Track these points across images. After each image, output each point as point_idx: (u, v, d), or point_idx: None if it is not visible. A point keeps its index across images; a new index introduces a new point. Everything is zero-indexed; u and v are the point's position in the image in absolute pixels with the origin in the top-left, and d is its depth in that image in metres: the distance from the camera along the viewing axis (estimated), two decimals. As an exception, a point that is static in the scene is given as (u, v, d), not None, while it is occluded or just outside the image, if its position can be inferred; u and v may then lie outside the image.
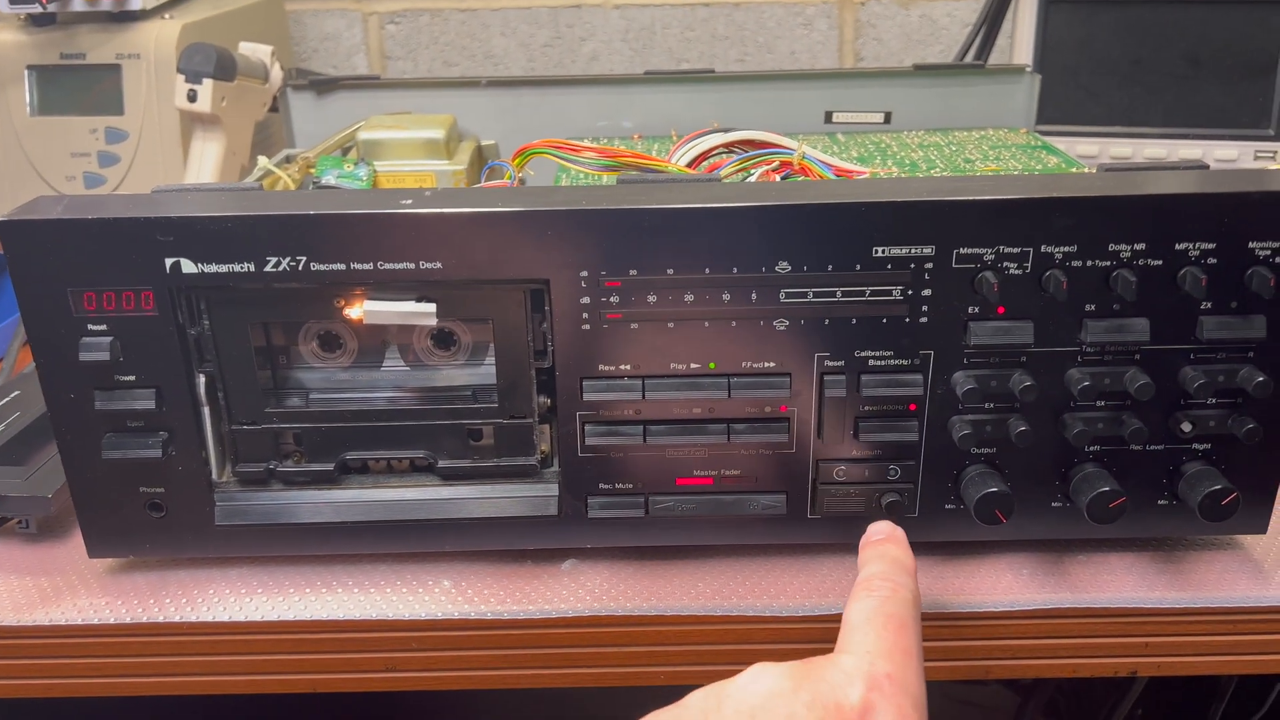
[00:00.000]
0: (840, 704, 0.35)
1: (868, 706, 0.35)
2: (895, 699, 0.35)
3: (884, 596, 0.40)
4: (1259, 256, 0.46)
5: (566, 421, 0.50)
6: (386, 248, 0.46)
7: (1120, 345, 0.47)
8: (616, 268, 0.46)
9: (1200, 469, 0.49)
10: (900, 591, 0.41)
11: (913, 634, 0.39)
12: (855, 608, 0.40)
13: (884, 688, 0.36)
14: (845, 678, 0.36)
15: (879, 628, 0.38)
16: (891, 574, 0.42)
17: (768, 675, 0.36)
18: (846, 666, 0.36)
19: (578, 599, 0.50)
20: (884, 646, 0.37)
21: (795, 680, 0.36)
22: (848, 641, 0.38)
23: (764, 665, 0.37)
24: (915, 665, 0.38)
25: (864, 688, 0.35)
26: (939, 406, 0.49)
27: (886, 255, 0.46)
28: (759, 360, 0.48)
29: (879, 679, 0.36)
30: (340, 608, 0.50)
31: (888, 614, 0.39)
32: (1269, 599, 0.50)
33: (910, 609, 0.40)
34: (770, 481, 0.50)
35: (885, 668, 0.36)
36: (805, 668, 0.37)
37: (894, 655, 0.37)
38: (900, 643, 0.38)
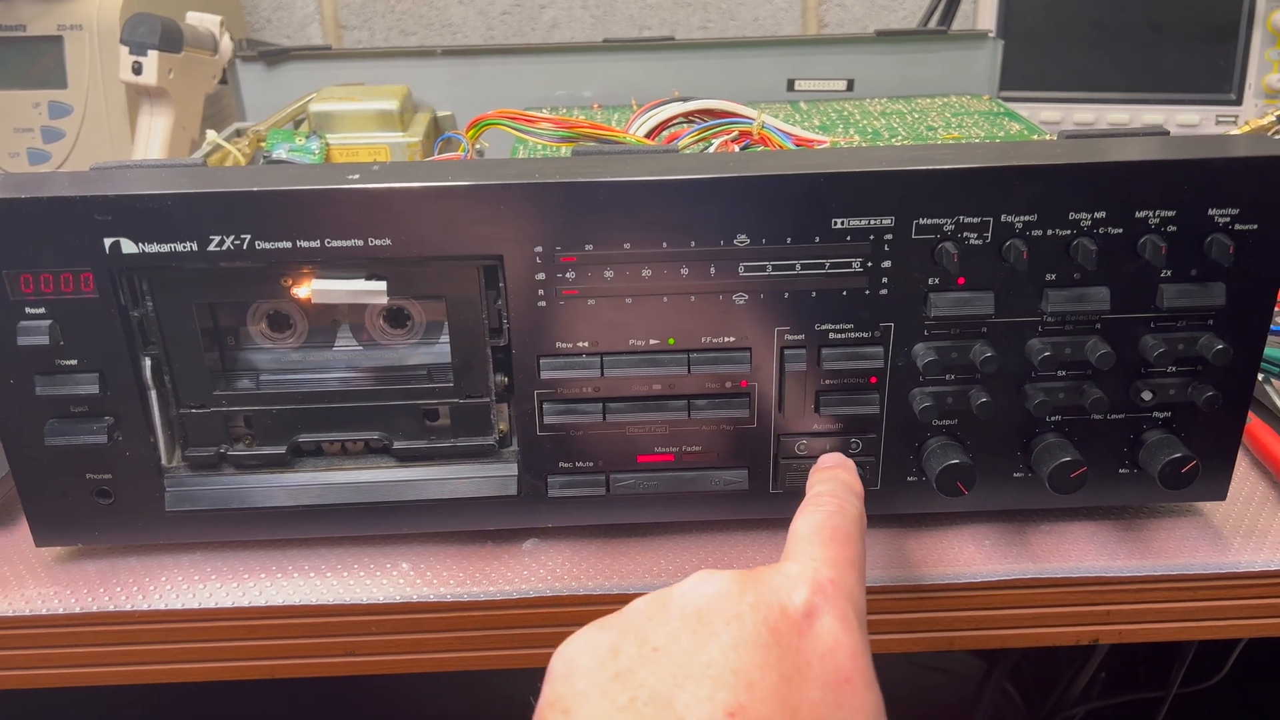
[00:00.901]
0: (784, 605, 0.34)
1: (811, 609, 0.35)
2: (838, 603, 0.35)
3: (830, 511, 0.40)
4: (1219, 223, 0.46)
5: (524, 400, 0.49)
6: (334, 224, 0.45)
7: (1081, 314, 0.47)
8: (572, 243, 0.45)
9: (1161, 437, 0.49)
10: (847, 508, 0.41)
11: (856, 547, 0.39)
12: (801, 520, 0.40)
13: (827, 592, 0.35)
14: (789, 582, 0.36)
15: (824, 539, 0.38)
16: (839, 493, 0.42)
17: (713, 579, 0.36)
18: (791, 572, 0.36)
19: (538, 579, 0.49)
20: (828, 555, 0.37)
21: (740, 584, 0.35)
22: (793, 550, 0.39)
23: (708, 571, 0.37)
24: (857, 575, 0.38)
25: (808, 591, 0.35)
26: (900, 379, 0.48)
27: (845, 227, 0.45)
28: (718, 335, 0.47)
29: (823, 584, 0.36)
30: (296, 593, 0.49)
31: (834, 527, 0.39)
32: (1228, 565, 0.50)
33: (855, 525, 0.40)
34: (732, 457, 0.49)
35: (829, 574, 0.36)
36: (750, 573, 0.37)
37: (838, 564, 0.37)
38: (844, 554, 0.38)
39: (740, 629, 0.34)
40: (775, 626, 0.34)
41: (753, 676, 0.33)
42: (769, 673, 0.33)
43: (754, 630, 0.34)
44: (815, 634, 0.35)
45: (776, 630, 0.34)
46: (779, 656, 0.33)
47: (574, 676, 0.34)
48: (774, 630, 0.34)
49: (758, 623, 0.34)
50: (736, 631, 0.34)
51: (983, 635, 0.51)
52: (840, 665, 0.34)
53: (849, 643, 0.35)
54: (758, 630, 0.34)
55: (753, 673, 0.33)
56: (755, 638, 0.34)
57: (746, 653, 0.33)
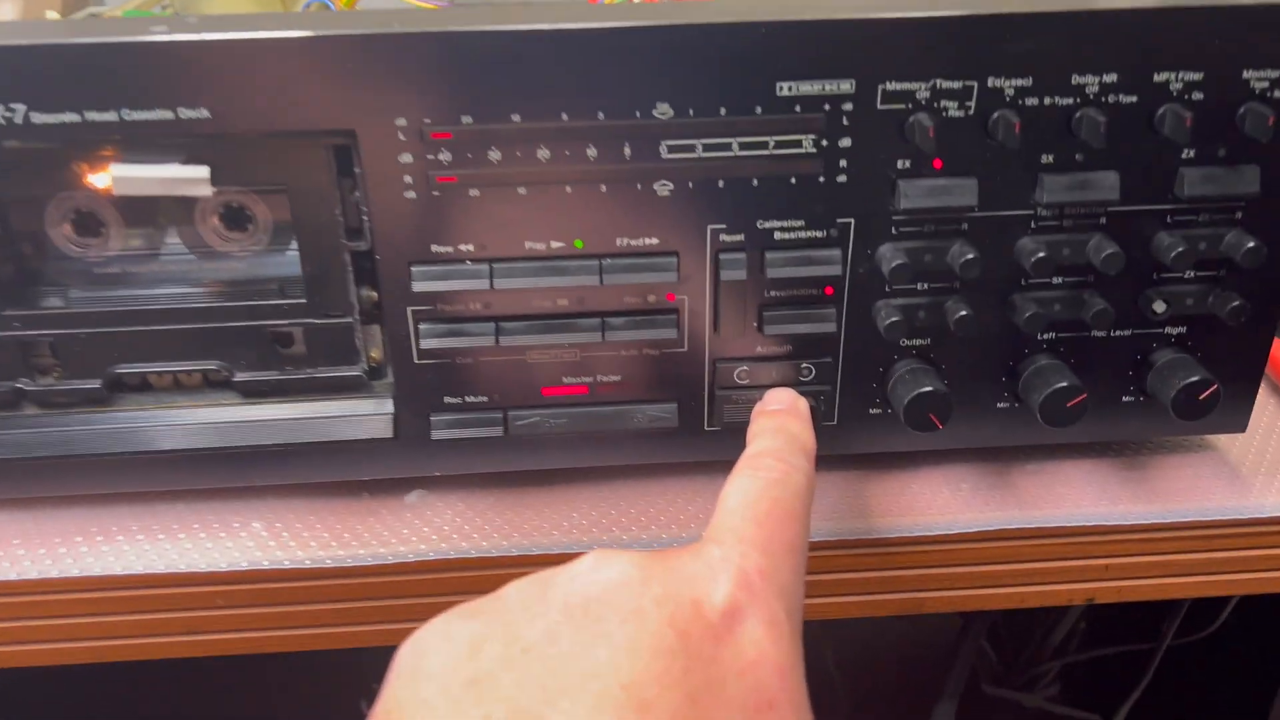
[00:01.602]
0: (698, 602, 0.28)
1: (732, 609, 0.28)
2: (767, 603, 0.29)
3: (771, 479, 0.33)
4: (1255, 90, 0.38)
5: (396, 320, 0.40)
6: (134, 91, 0.36)
7: (1083, 206, 0.40)
8: (445, 114, 0.37)
9: (1174, 357, 0.42)
10: (792, 475, 0.34)
11: (799, 528, 0.32)
12: (733, 488, 0.33)
13: (754, 587, 0.29)
14: (709, 571, 0.29)
15: (759, 515, 0.32)
16: (785, 452, 0.35)
17: (611, 562, 0.29)
18: (712, 558, 0.30)
19: (424, 539, 0.43)
20: (761, 538, 0.31)
21: (645, 570, 0.28)
22: (719, 528, 0.31)
23: (607, 550, 0.29)
24: (795, 564, 0.31)
25: (731, 585, 0.29)
26: (861, 289, 0.41)
27: (794, 94, 0.37)
28: (637, 236, 0.39)
29: (749, 576, 0.29)
30: (121, 560, 0.42)
31: (773, 499, 0.32)
32: (1249, 509, 0.43)
33: (801, 499, 0.33)
34: (658, 388, 0.43)
35: (759, 562, 0.30)
36: (660, 557, 0.29)
37: (772, 549, 0.30)
38: (782, 536, 0.31)
39: (639, 630, 0.27)
40: (685, 629, 0.27)
41: (648, 694, 0.25)
42: (670, 690, 0.26)
43: (657, 632, 0.27)
44: (735, 642, 0.28)
45: (686, 634, 0.27)
46: (685, 669, 0.26)
47: (421, 678, 0.27)
48: (683, 634, 0.27)
49: (662, 623, 0.27)
50: (634, 633, 0.27)
51: (958, 596, 0.45)
52: (763, 685, 0.27)
53: (776, 656, 0.28)
54: (661, 633, 0.27)
55: (649, 689, 0.25)
56: (657, 643, 0.26)
57: (644, 662, 0.26)
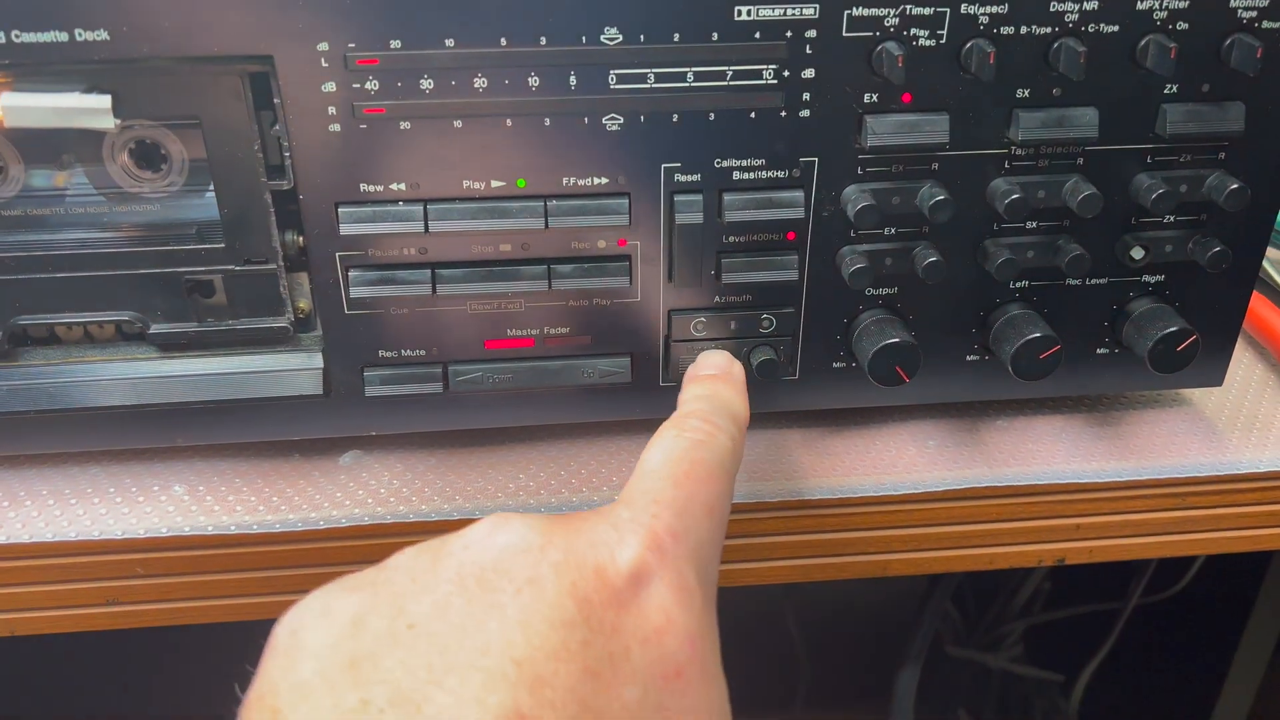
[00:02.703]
0: (602, 567, 0.26)
1: (639, 573, 0.26)
2: (676, 565, 0.27)
3: (695, 440, 0.31)
4: (1243, 19, 0.36)
5: (324, 267, 0.37)
6: (24, 9, 0.32)
7: (1060, 144, 0.37)
8: (371, 38, 0.33)
9: (1152, 307, 0.40)
10: (717, 437, 0.31)
11: (719, 489, 0.30)
12: (654, 447, 0.31)
13: (664, 548, 0.27)
14: (615, 534, 0.27)
15: (678, 475, 0.29)
16: (712, 414, 0.32)
17: (510, 527, 0.26)
18: (620, 519, 0.27)
19: (359, 502, 0.40)
20: (678, 498, 0.28)
21: (546, 534, 0.26)
22: (633, 490, 0.29)
23: (506, 515, 0.27)
24: (711, 527, 0.29)
25: (639, 546, 0.26)
26: (825, 234, 0.38)
27: (754, 19, 0.34)
28: (585, 175, 0.36)
29: (659, 537, 0.27)
30: (30, 528, 0.39)
31: (694, 459, 0.30)
32: (1226, 465, 0.41)
33: (724, 461, 0.31)
34: (609, 340, 0.40)
35: (671, 523, 0.27)
36: (564, 520, 0.27)
37: (688, 510, 0.28)
38: (700, 496, 0.29)
39: (535, 599, 0.25)
40: (585, 597, 0.25)
41: (543, 670, 0.23)
42: (567, 664, 0.24)
43: (554, 601, 0.25)
44: (640, 608, 0.26)
45: (587, 602, 0.25)
46: (584, 641, 0.24)
47: (298, 656, 0.24)
48: (583, 602, 0.25)
49: (561, 591, 0.25)
50: (529, 603, 0.24)
51: (924, 558, 0.43)
52: (669, 653, 0.25)
53: (684, 622, 0.26)
54: (560, 601, 0.25)
55: (544, 664, 0.23)
56: (555, 613, 0.24)
57: (539, 634, 0.24)
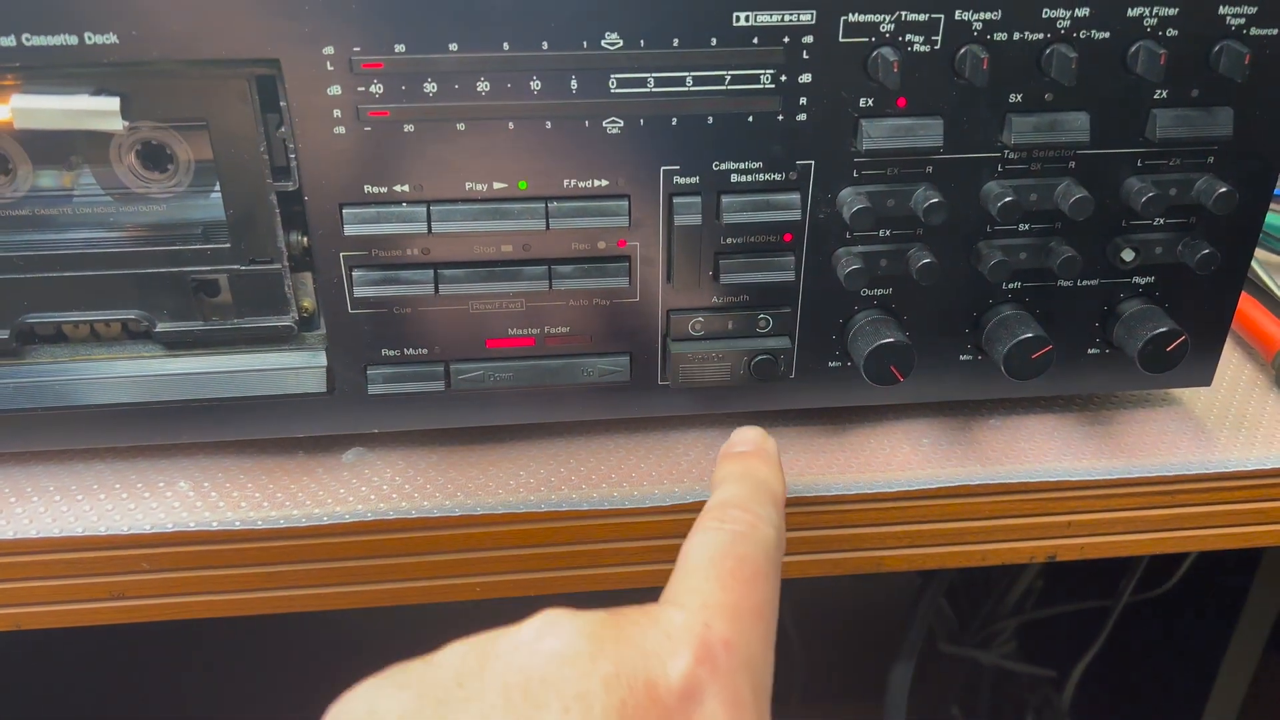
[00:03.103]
0: (653, 682, 0.25)
1: (691, 688, 0.25)
2: (730, 678, 0.26)
3: (737, 533, 0.30)
4: (1231, 26, 0.36)
5: (328, 266, 0.37)
6: (34, 13, 0.32)
7: (1052, 148, 0.38)
8: (376, 42, 0.34)
9: (1142, 308, 0.41)
10: (760, 528, 0.31)
11: (767, 589, 0.29)
12: (697, 542, 0.30)
13: (718, 661, 0.26)
14: (667, 642, 0.26)
15: (724, 575, 0.29)
16: (752, 502, 0.32)
17: (560, 630, 0.26)
18: (672, 625, 0.27)
19: (362, 499, 0.40)
20: (728, 602, 0.28)
21: (596, 641, 0.26)
22: (679, 589, 0.29)
23: (558, 613, 0.27)
24: (764, 632, 0.28)
25: (690, 659, 0.26)
26: (821, 235, 0.39)
27: (751, 24, 0.35)
28: (585, 177, 0.37)
29: (712, 648, 0.26)
30: (37, 523, 0.39)
31: (739, 556, 0.29)
32: (1214, 464, 0.42)
33: (770, 554, 0.30)
34: (608, 340, 0.40)
35: (724, 632, 0.27)
36: (614, 625, 0.27)
37: (740, 616, 0.28)
38: (750, 599, 0.28)
39: (583, 718, 0.24)
40: (635, 716, 0.24)
41: None
42: None
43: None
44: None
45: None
46: None
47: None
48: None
49: (609, 710, 0.24)
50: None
51: (918, 554, 0.44)
52: None
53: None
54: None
55: None
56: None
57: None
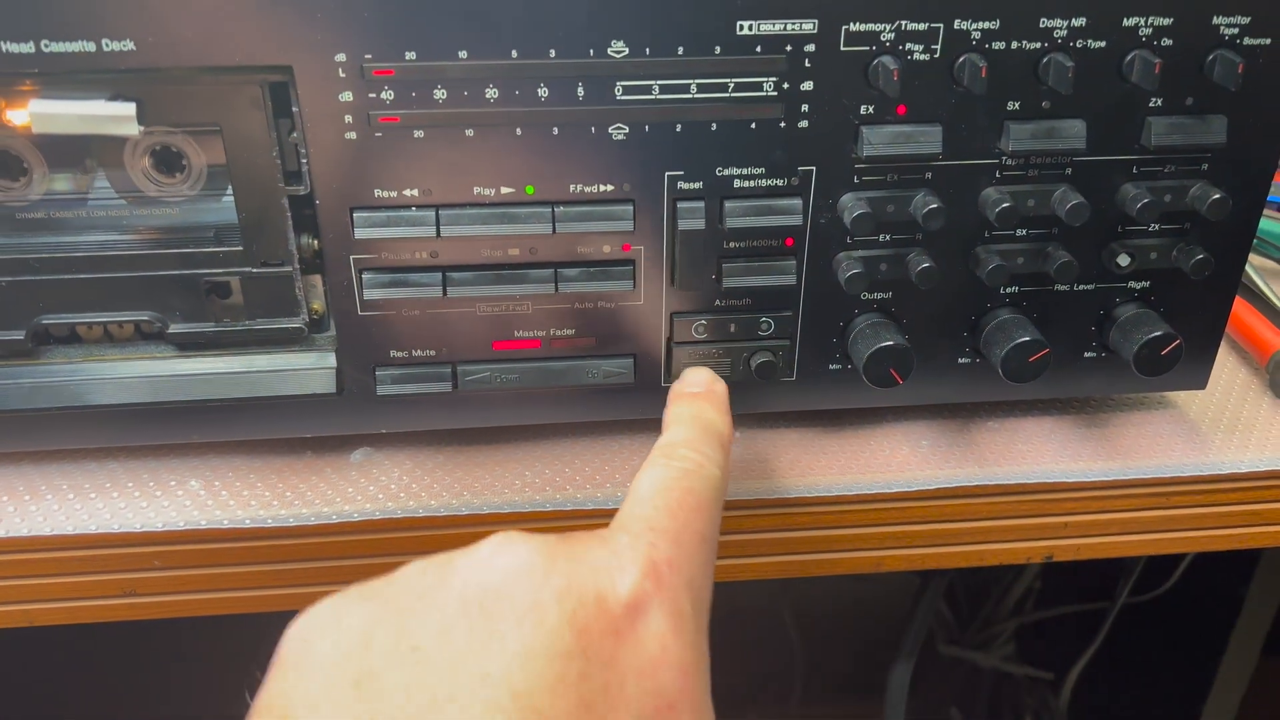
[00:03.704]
0: (602, 594, 0.27)
1: (638, 601, 0.27)
2: (673, 593, 0.28)
3: (684, 469, 0.32)
4: (1224, 36, 0.37)
5: (339, 269, 0.38)
6: (52, 19, 0.33)
7: (1049, 155, 0.38)
8: (388, 49, 0.34)
9: (1137, 312, 0.41)
10: (706, 466, 0.33)
11: (709, 518, 0.31)
12: (645, 476, 0.32)
13: (662, 576, 0.28)
14: (615, 560, 0.28)
15: (672, 504, 0.30)
16: (699, 443, 0.34)
17: (512, 548, 0.27)
18: (619, 546, 0.28)
19: (370, 498, 0.41)
20: (673, 527, 0.29)
21: (549, 558, 0.27)
22: (628, 515, 0.30)
23: (511, 535, 0.28)
24: (705, 555, 0.30)
25: (637, 574, 0.27)
26: (822, 240, 0.39)
27: (754, 33, 0.35)
28: (591, 182, 0.37)
29: (658, 565, 0.28)
30: (51, 521, 0.40)
31: (685, 488, 0.31)
32: (1208, 466, 0.42)
33: (713, 490, 0.32)
34: (613, 342, 0.41)
35: (668, 553, 0.29)
36: (566, 544, 0.28)
37: (684, 540, 0.29)
38: (693, 526, 0.30)
39: (536, 629, 0.25)
40: (585, 626, 0.26)
41: (540, 702, 0.24)
42: (564, 698, 0.25)
43: (554, 631, 0.25)
44: (637, 638, 0.26)
45: (585, 633, 0.26)
46: (581, 673, 0.25)
47: (307, 669, 0.25)
48: (581, 632, 0.26)
49: (561, 620, 0.26)
50: (530, 633, 0.25)
51: (917, 554, 0.44)
52: (664, 686, 0.26)
53: (679, 653, 0.27)
54: (559, 632, 0.25)
55: (541, 696, 0.24)
56: (554, 644, 0.25)
57: (538, 667, 0.25)
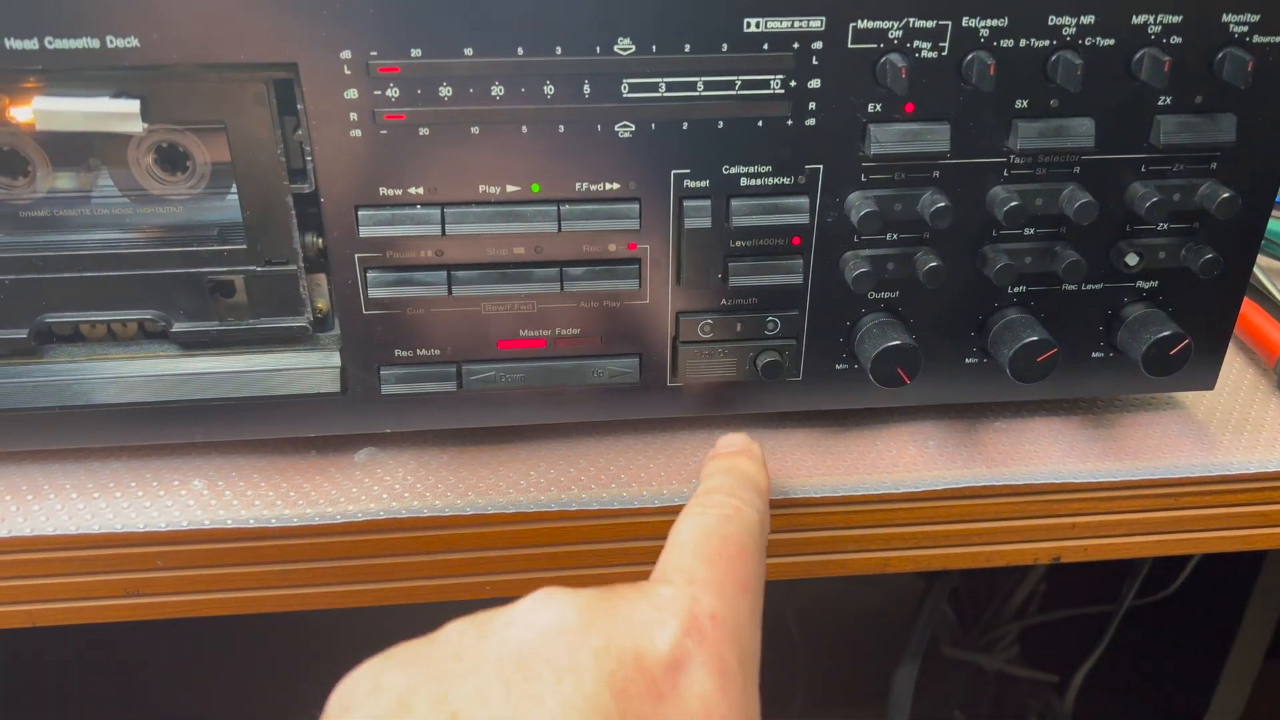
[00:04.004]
0: (642, 653, 0.26)
1: (678, 658, 0.26)
2: (716, 649, 0.27)
3: (723, 515, 0.31)
4: (1234, 34, 0.36)
5: (343, 267, 0.38)
6: (56, 17, 0.33)
7: (1057, 154, 0.38)
8: (393, 46, 0.34)
9: (1146, 312, 0.41)
10: (744, 510, 0.32)
11: (752, 565, 0.30)
12: (684, 525, 0.31)
13: (704, 631, 0.27)
14: (655, 615, 0.27)
15: (710, 553, 0.30)
16: (736, 489, 0.33)
17: (552, 605, 0.27)
18: (660, 599, 0.28)
19: (374, 498, 0.41)
20: (714, 577, 0.29)
21: (587, 615, 0.26)
22: (667, 566, 0.29)
23: (552, 591, 0.27)
24: (749, 606, 0.29)
25: (677, 630, 0.27)
26: (829, 239, 0.39)
27: (762, 30, 0.35)
28: (597, 180, 0.37)
29: (699, 620, 0.27)
30: (54, 520, 0.39)
31: (724, 536, 0.30)
32: (1217, 467, 0.42)
33: (754, 535, 0.31)
34: (618, 341, 0.40)
35: (710, 605, 0.28)
36: (604, 599, 0.27)
37: (725, 590, 0.29)
38: (734, 575, 0.29)
39: (575, 691, 0.25)
40: (623, 687, 0.25)
41: None
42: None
43: (592, 694, 0.25)
44: (679, 698, 0.26)
45: (624, 693, 0.25)
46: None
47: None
48: (620, 693, 0.25)
49: (599, 681, 0.25)
50: (568, 694, 0.24)
51: (923, 555, 0.44)
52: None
53: (724, 712, 0.26)
54: (597, 694, 0.25)
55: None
56: (592, 705, 0.24)
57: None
